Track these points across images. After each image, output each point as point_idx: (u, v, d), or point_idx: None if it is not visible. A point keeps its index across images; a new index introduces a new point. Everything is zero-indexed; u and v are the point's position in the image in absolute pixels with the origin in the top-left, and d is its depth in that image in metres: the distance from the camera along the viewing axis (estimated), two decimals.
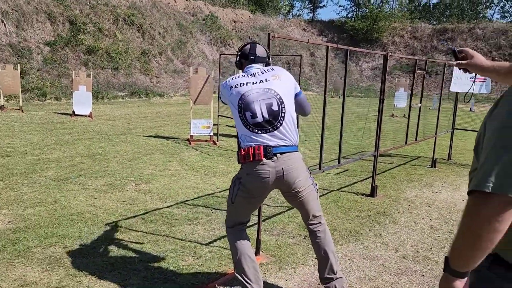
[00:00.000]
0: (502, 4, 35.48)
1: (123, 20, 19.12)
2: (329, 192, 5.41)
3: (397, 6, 35.02)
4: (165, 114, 13.24)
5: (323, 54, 30.67)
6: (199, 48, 22.73)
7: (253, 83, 2.53)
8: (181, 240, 3.68)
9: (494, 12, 35.66)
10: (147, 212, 4.32)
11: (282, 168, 2.44)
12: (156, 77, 18.90)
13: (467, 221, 1.05)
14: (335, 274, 2.66)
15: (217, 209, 4.53)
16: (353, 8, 35.10)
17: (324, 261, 2.67)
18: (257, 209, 3.21)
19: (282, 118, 2.47)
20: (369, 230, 4.13)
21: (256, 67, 2.65)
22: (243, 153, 2.47)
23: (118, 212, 4.28)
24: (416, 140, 6.47)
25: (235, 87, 2.55)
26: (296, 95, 2.64)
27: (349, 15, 34.26)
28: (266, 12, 30.08)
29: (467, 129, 8.98)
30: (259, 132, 2.46)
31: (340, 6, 53.78)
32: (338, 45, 4.49)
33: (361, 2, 34.10)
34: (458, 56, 1.82)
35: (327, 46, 4.08)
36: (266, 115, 2.46)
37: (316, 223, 2.68)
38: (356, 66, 31.83)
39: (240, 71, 2.75)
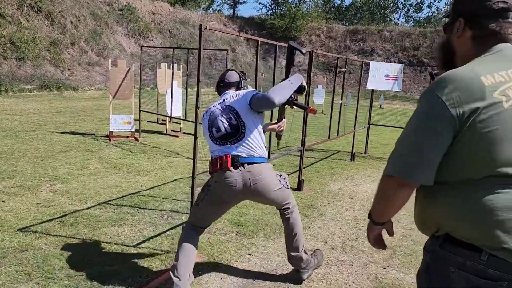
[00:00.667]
0: (406, 9, 38.67)
1: (29, 6, 17.50)
2: None
3: (313, 6, 36.43)
4: (80, 109, 12.39)
5: (244, 51, 30.96)
6: (115, 39, 21.60)
7: (218, 104, 2.79)
8: (106, 243, 3.43)
9: (399, 16, 38.60)
10: (65, 215, 3.98)
11: (249, 179, 2.57)
12: (68, 69, 17.60)
13: (378, 191, 1.36)
14: (298, 252, 2.89)
15: (143, 208, 4.32)
16: (273, 6, 35.87)
17: (290, 248, 2.91)
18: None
19: (243, 131, 2.62)
20: None
21: (229, 92, 2.83)
22: (212, 162, 2.65)
23: (32, 216, 3.89)
24: (338, 135, 6.76)
25: (207, 110, 2.83)
26: (250, 101, 2.64)
27: (268, 13, 34.98)
28: (186, 5, 29.52)
29: (381, 125, 9.62)
30: (227, 143, 2.64)
31: (260, 3, 54.65)
32: (268, 40, 4.50)
33: (279, 0, 34.92)
34: (434, 78, 2.01)
35: (258, 41, 4.07)
36: (226, 128, 2.65)
37: (285, 211, 2.85)
38: (277, 63, 32.54)
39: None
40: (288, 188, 2.81)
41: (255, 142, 2.65)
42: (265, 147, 2.74)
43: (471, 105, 1.14)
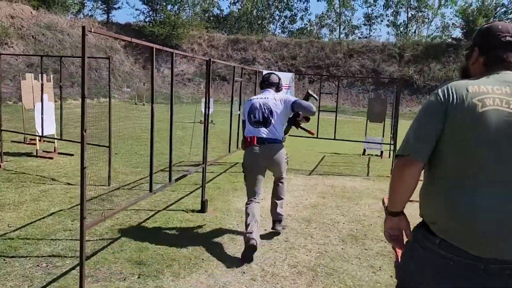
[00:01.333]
0: (282, 20, 40.76)
1: None
2: (156, 212, 4.80)
3: (192, 14, 36.11)
4: None
5: (122, 59, 29.20)
6: None
7: (256, 98, 4.09)
8: None
9: (276, 27, 40.45)
10: None
11: (269, 151, 3.93)
12: None
13: (391, 177, 1.64)
14: (281, 215, 4.28)
15: (12, 256, 3.40)
16: (151, 13, 34.59)
17: (274, 205, 4.27)
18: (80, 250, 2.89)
19: (270, 121, 3.92)
20: (210, 253, 3.72)
21: (270, 91, 4.17)
22: (244, 139, 4.03)
23: None
24: (237, 147, 6.43)
25: (249, 100, 4.14)
26: (292, 105, 3.96)
27: (147, 20, 33.58)
28: (52, 9, 26.69)
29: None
30: (258, 127, 3.96)
31: (137, 9, 51.46)
32: (163, 48, 3.94)
33: (158, 7, 33.83)
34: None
35: (153, 48, 3.50)
36: (260, 117, 3.95)
37: (280, 180, 4.26)
38: (158, 72, 31.41)
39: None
40: (287, 164, 4.16)
41: (279, 130, 3.98)
42: (283, 136, 4.08)
43: (454, 101, 1.50)
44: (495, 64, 1.60)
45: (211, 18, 40.14)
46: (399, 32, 36.88)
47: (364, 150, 9.99)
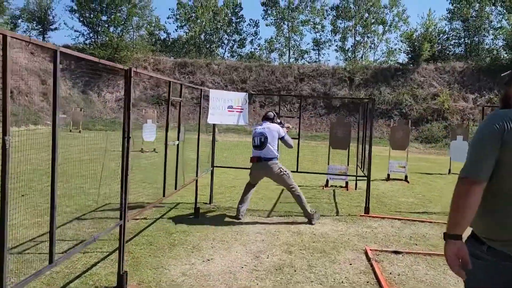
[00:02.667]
0: (231, 44, 39.94)
1: None
2: None
3: (137, 37, 34.40)
4: None
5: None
6: None
7: (258, 128, 5.80)
8: None
9: (225, 51, 39.58)
10: None
11: (265, 167, 5.67)
12: None
13: (453, 199, 1.80)
14: (307, 210, 5.71)
15: None
16: (91, 34, 32.47)
17: (301, 205, 5.74)
18: None
19: (265, 145, 5.61)
20: None
21: (266, 122, 5.85)
22: (252, 158, 5.77)
23: None
24: (176, 189, 4.94)
25: (253, 128, 5.91)
26: (281, 138, 5.83)
27: (87, 42, 31.41)
28: None
29: (226, 166, 8.22)
30: (257, 149, 5.69)
31: (76, 31, 47.64)
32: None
33: (99, 29, 31.85)
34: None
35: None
36: (258, 143, 5.66)
37: (291, 191, 5.74)
38: (99, 97, 29.21)
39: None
40: (289, 176, 5.73)
41: (271, 151, 5.63)
42: (277, 152, 5.77)
43: (508, 129, 1.73)
44: None
45: (157, 41, 38.57)
46: (347, 56, 37.22)
47: (327, 181, 8.80)
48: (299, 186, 8.71)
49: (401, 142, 10.13)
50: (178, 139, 5.07)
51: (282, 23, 39.47)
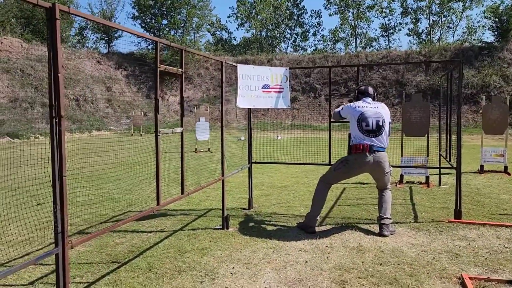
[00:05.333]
0: (293, 38, 38.45)
1: None
2: None
3: (197, 38, 34.26)
4: None
5: (122, 88, 27.29)
6: None
7: (369, 107, 4.25)
8: None
9: (287, 46, 38.16)
10: None
11: (376, 160, 4.17)
12: None
13: None
14: (385, 215, 4.21)
15: None
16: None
17: (381, 206, 4.30)
18: None
19: (382, 130, 4.19)
20: None
21: (368, 100, 4.39)
22: (355, 146, 4.18)
23: None
24: (182, 193, 3.69)
25: (358, 107, 4.26)
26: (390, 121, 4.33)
27: (149, 47, 31.77)
28: (46, 41, 25.18)
29: (269, 162, 6.90)
30: (369, 136, 4.17)
31: (138, 37, 48.59)
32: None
33: (161, 33, 32.10)
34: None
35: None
36: (374, 127, 4.17)
37: (384, 190, 4.39)
38: (163, 100, 29.35)
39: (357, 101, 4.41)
40: (390, 175, 4.36)
41: (385, 139, 4.22)
42: (388, 142, 4.30)
43: None
44: None
45: (219, 41, 38.28)
46: (421, 40, 33.91)
47: (402, 177, 7.09)
48: (365, 184, 7.18)
49: (497, 124, 8.04)
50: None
51: (346, 11, 37.13)
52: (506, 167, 8.08)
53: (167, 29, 31.94)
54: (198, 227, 4.48)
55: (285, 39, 38.24)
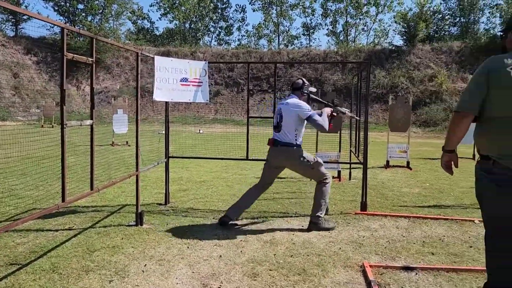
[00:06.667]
0: (217, 32, 38.28)
1: None
2: None
3: (117, 26, 32.70)
4: None
5: (31, 75, 25.20)
6: None
7: (281, 104, 4.30)
8: None
9: (211, 39, 37.94)
10: None
11: (281, 155, 4.23)
12: None
13: (449, 126, 2.40)
14: (312, 213, 4.25)
15: None
16: (68, 24, 30.70)
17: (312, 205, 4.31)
18: None
19: (281, 126, 4.19)
20: None
21: (293, 96, 4.33)
22: (269, 140, 4.34)
23: None
24: (92, 189, 3.52)
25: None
26: (307, 119, 4.15)
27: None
28: None
29: (186, 157, 6.83)
30: (274, 131, 4.30)
31: (44, 21, 44.91)
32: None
33: (76, 18, 30.11)
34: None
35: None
36: (275, 123, 4.30)
37: (318, 184, 4.28)
38: (78, 90, 27.64)
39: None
40: (314, 166, 4.21)
41: (287, 134, 4.16)
42: (296, 138, 4.19)
43: (492, 71, 2.21)
44: None
45: (141, 31, 36.89)
46: (339, 40, 35.68)
47: None
48: (282, 178, 7.41)
49: (402, 123, 8.74)
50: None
51: (270, 8, 37.84)
52: (408, 162, 8.83)
53: (83, 14, 30.01)
54: (110, 224, 4.31)
55: (209, 32, 38.00)
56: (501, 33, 2.45)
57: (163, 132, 5.39)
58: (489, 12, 32.56)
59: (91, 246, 3.64)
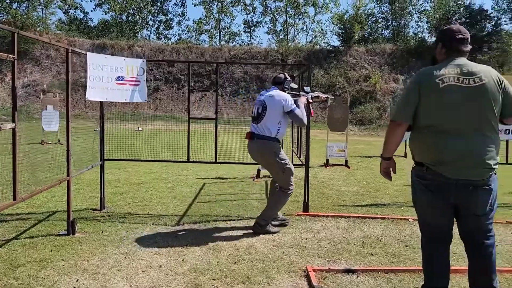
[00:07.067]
0: (156, 25, 37.20)
1: None
2: None
3: (46, 15, 30.66)
4: None
5: None
6: None
7: (262, 95, 4.23)
8: None
9: (150, 33, 36.81)
10: None
11: (256, 148, 4.13)
12: None
13: (386, 134, 2.51)
14: (258, 217, 4.22)
15: None
16: None
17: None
18: None
19: (262, 117, 4.08)
20: None
21: (272, 89, 4.26)
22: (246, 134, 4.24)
23: None
24: (14, 199, 3.18)
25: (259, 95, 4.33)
26: (288, 112, 4.10)
27: None
28: None
29: (123, 159, 6.52)
30: (253, 122, 4.18)
31: None
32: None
33: (0, 5, 27.82)
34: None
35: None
36: (255, 114, 4.17)
37: (277, 187, 4.28)
38: (2, 83, 25.58)
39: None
40: (285, 171, 4.12)
41: (267, 127, 4.06)
42: (278, 131, 4.11)
43: (423, 82, 2.36)
44: (452, 53, 2.44)
45: (73, 21, 34.91)
46: (279, 39, 36.17)
47: (259, 171, 7.41)
48: (224, 179, 7.32)
49: (340, 123, 8.98)
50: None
51: (211, 3, 37.45)
52: (346, 161, 9.10)
53: (7, 1, 27.76)
54: (38, 234, 3.96)
55: (147, 25, 36.80)
56: (433, 45, 2.79)
57: (98, 129, 5.06)
58: (418, 17, 34.63)
59: (15, 260, 3.31)
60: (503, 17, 32.47)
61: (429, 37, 31.24)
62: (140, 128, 18.32)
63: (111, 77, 4.42)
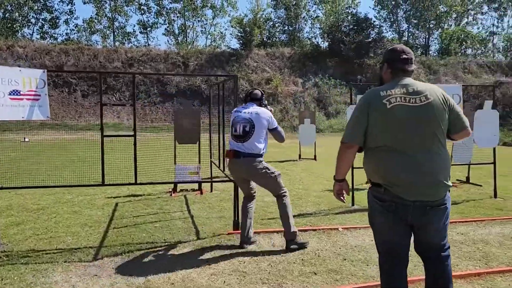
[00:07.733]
0: (40, 24, 33.72)
1: None
2: None
3: None
4: None
5: None
6: None
7: (242, 112, 4.17)
8: None
9: (33, 32, 33.26)
10: None
11: (246, 166, 4.09)
12: None
13: (337, 156, 2.50)
14: (286, 231, 4.21)
15: None
16: None
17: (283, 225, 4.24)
18: None
19: (250, 136, 4.06)
20: None
21: (249, 105, 4.25)
22: (227, 153, 4.24)
23: None
24: None
25: (234, 112, 4.25)
26: (272, 129, 4.21)
27: None
28: None
29: (12, 187, 5.63)
30: (237, 141, 4.12)
31: None
32: None
33: None
34: None
35: None
36: (241, 132, 4.09)
37: (278, 198, 4.26)
38: None
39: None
40: (277, 178, 4.20)
41: (255, 144, 4.06)
42: (264, 147, 4.17)
43: (371, 104, 2.36)
44: (398, 72, 2.45)
45: None
46: (178, 41, 35.33)
47: (175, 186, 6.95)
48: (139, 196, 6.72)
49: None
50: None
51: (103, 1, 35.15)
52: None
53: None
54: None
55: (29, 24, 33.19)
56: (380, 65, 2.65)
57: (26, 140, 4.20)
58: (311, 23, 36.57)
59: None
60: (384, 25, 35.92)
61: (322, 42, 33.18)
62: (27, 139, 16.35)
63: (3, 91, 3.67)
